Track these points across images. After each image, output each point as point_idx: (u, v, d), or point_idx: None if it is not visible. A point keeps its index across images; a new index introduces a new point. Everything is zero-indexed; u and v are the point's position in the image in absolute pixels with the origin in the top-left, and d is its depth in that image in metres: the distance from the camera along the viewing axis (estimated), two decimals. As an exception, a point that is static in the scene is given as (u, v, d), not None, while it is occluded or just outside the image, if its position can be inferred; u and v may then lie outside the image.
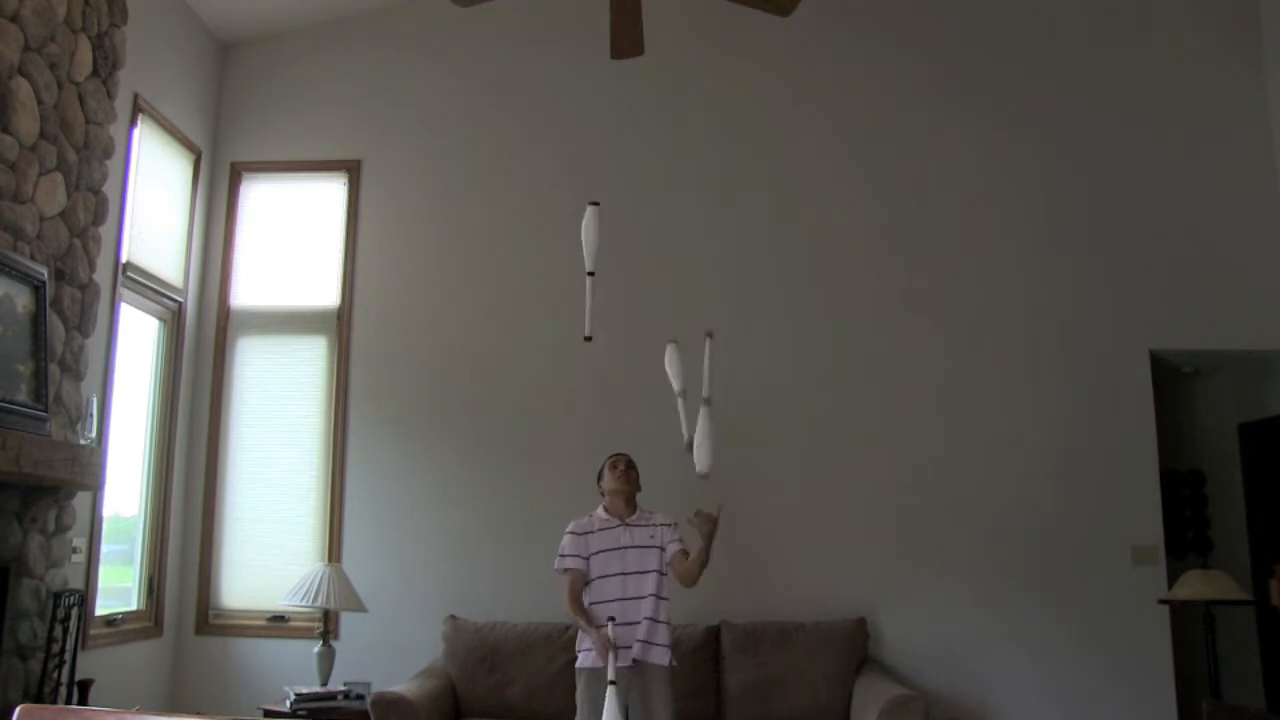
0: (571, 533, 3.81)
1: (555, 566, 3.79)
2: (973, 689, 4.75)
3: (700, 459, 3.55)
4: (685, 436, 3.63)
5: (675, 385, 3.69)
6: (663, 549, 3.74)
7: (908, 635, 4.82)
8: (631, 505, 3.85)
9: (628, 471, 3.87)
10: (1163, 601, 4.68)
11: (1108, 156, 5.19)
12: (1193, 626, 4.86)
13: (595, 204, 3.58)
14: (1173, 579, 4.69)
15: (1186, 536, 5.57)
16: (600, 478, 3.93)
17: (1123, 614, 4.75)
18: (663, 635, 3.67)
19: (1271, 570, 4.71)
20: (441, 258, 5.33)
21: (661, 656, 3.65)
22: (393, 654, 4.84)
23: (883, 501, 4.96)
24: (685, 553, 3.71)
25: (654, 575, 3.70)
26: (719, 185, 5.28)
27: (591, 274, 3.54)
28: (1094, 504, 4.87)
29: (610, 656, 3.39)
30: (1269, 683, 5.25)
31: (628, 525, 3.79)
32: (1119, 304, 5.05)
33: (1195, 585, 4.50)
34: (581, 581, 3.73)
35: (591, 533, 3.79)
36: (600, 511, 3.87)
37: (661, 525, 3.80)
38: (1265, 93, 5.16)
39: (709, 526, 3.56)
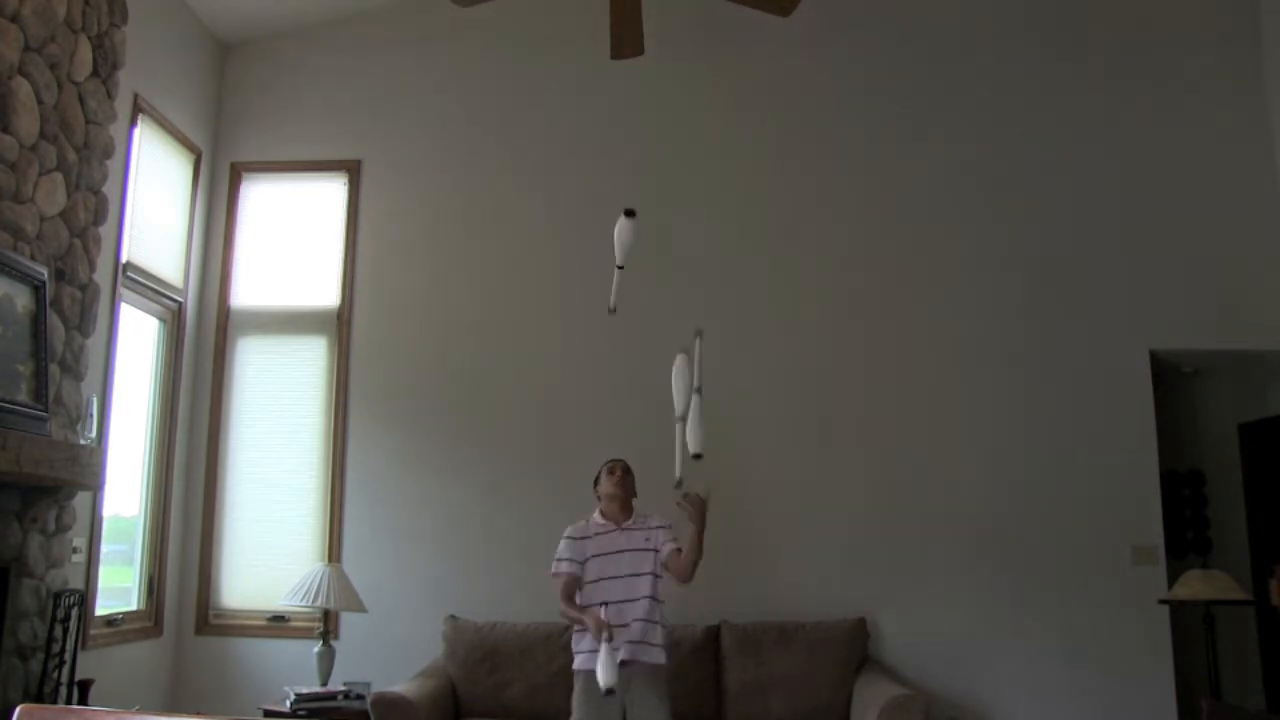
0: (568, 537, 3.84)
1: (551, 570, 3.83)
2: (973, 689, 4.75)
3: (693, 441, 3.25)
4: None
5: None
6: (657, 551, 3.77)
7: (908, 635, 4.82)
8: (627, 510, 3.88)
9: (624, 477, 3.89)
10: (1163, 601, 4.67)
11: (1108, 156, 5.18)
12: (1193, 626, 4.86)
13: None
14: (1173, 579, 4.68)
15: (1186, 536, 5.56)
16: (597, 482, 3.96)
17: (1123, 614, 4.74)
18: (657, 636, 3.71)
19: (1271, 570, 4.70)
20: (442, 258, 5.33)
21: (656, 656, 3.68)
22: (393, 654, 4.85)
23: (883, 501, 4.96)
24: (680, 550, 3.73)
25: (648, 578, 3.74)
26: (717, 188, 5.27)
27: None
28: (1094, 504, 4.86)
29: (604, 652, 3.28)
30: (1269, 683, 5.24)
31: (624, 530, 3.82)
32: (1119, 304, 5.05)
33: (1195, 585, 4.49)
34: (574, 585, 3.76)
35: (588, 537, 3.82)
36: (596, 516, 3.90)
37: (656, 528, 3.83)
38: (1265, 92, 5.16)
39: (699, 509, 3.56)
